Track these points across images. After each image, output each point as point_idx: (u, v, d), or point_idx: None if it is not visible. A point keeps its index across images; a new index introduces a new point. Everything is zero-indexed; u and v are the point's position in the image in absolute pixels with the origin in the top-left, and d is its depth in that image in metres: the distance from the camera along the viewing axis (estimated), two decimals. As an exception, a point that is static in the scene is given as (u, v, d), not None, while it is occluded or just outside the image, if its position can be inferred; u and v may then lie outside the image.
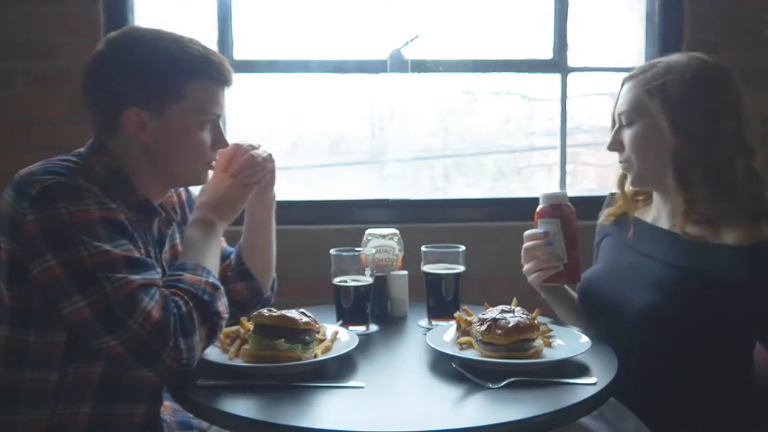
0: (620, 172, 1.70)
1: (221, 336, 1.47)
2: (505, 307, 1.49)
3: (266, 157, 1.62)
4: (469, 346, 1.48)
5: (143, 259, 1.36)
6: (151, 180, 1.49)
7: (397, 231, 1.88)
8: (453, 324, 1.58)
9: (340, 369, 1.44)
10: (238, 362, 1.41)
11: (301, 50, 2.60)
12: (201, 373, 1.36)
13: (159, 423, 1.48)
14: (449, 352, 1.46)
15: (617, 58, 2.77)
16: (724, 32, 2.55)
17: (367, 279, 1.70)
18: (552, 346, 1.51)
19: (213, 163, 1.55)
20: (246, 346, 1.43)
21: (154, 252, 1.50)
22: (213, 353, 1.44)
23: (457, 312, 1.59)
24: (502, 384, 1.33)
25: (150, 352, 1.27)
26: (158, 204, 1.53)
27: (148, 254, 1.47)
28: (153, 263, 1.38)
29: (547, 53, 2.65)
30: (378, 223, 2.00)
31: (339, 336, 1.54)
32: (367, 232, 1.87)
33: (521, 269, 1.70)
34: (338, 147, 2.82)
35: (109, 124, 1.45)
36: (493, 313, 1.47)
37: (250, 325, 1.47)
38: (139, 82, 1.42)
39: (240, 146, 1.60)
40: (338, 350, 1.47)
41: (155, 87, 1.43)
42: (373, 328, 1.73)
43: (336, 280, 1.70)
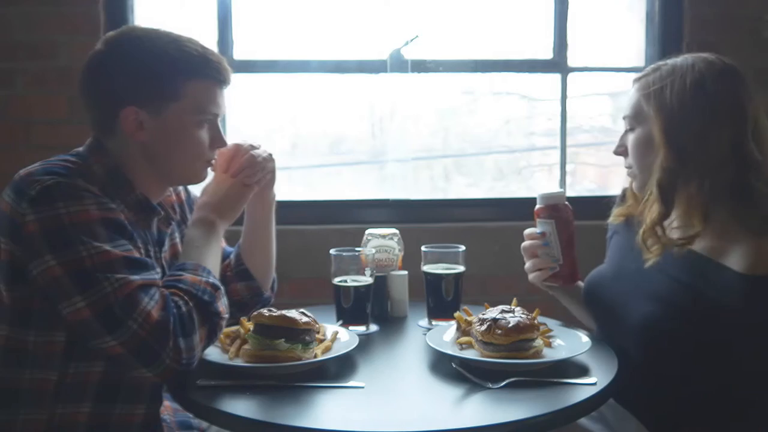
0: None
1: (221, 336, 1.47)
2: (505, 307, 1.49)
3: (266, 157, 1.62)
4: (469, 346, 1.49)
5: (143, 260, 1.36)
6: (150, 179, 1.49)
7: (397, 231, 1.88)
8: (453, 324, 1.58)
9: (340, 369, 1.44)
10: (238, 362, 1.41)
11: (301, 50, 2.60)
12: (201, 373, 1.36)
13: (159, 423, 1.48)
14: (449, 352, 1.46)
15: (617, 58, 2.77)
16: (724, 32, 2.55)
17: (367, 279, 1.70)
18: (552, 346, 1.51)
19: (212, 162, 1.55)
20: (246, 346, 1.43)
21: (153, 251, 1.50)
22: (213, 353, 1.44)
23: (457, 312, 1.59)
24: (502, 384, 1.33)
25: (150, 352, 1.28)
26: (157, 203, 1.53)
27: (148, 254, 1.47)
28: (153, 263, 1.38)
29: (547, 53, 2.65)
30: (378, 223, 2.00)
31: (339, 336, 1.54)
32: (367, 232, 1.87)
33: (521, 269, 1.70)
34: (338, 147, 2.82)
35: (107, 123, 1.45)
36: (493, 313, 1.47)
37: (250, 325, 1.47)
38: (137, 81, 1.42)
39: (240, 146, 1.60)
40: (338, 350, 1.47)
41: (153, 86, 1.43)
42: (373, 328, 1.73)
43: (336, 280, 1.70)
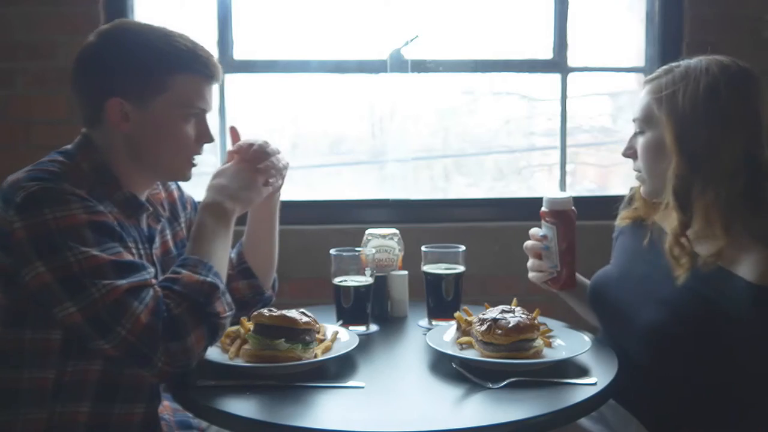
0: None
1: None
2: (505, 307, 1.49)
3: (285, 164, 1.64)
4: (469, 346, 1.49)
5: (132, 262, 1.35)
6: (136, 174, 1.49)
7: (397, 231, 1.88)
8: (453, 324, 1.58)
9: (340, 369, 1.44)
10: (238, 362, 1.41)
11: (301, 50, 2.60)
12: (201, 373, 1.37)
13: (158, 422, 1.48)
14: (449, 352, 1.46)
15: (617, 58, 2.77)
16: (724, 32, 2.54)
17: (367, 279, 1.70)
18: (552, 346, 1.51)
19: (194, 162, 1.53)
20: (246, 346, 1.43)
21: (144, 248, 1.50)
22: (213, 353, 1.44)
23: (457, 312, 1.59)
24: (502, 384, 1.33)
25: (141, 356, 1.28)
26: (145, 199, 1.53)
27: (139, 252, 1.47)
28: (143, 264, 1.37)
29: (547, 53, 2.65)
30: (378, 223, 2.00)
31: (339, 336, 1.54)
32: (367, 232, 1.87)
33: (521, 269, 1.71)
34: (338, 147, 2.82)
35: (93, 114, 1.46)
36: (493, 313, 1.47)
37: (250, 325, 1.47)
38: (123, 72, 1.43)
39: (269, 144, 1.60)
40: (338, 350, 1.47)
41: (139, 78, 1.43)
42: (373, 328, 1.73)
43: (336, 280, 1.70)
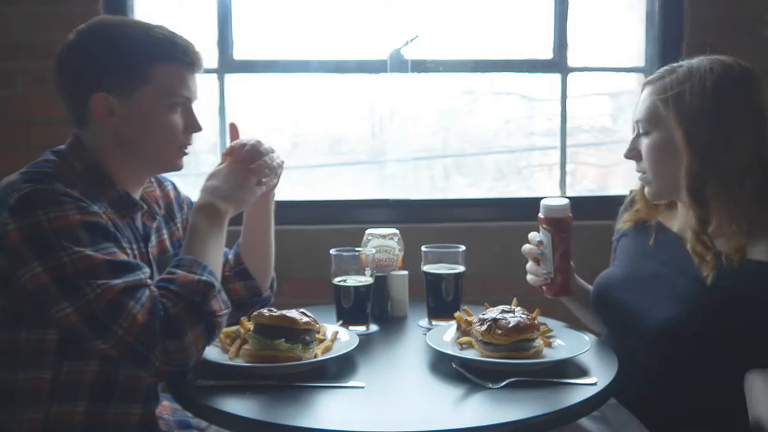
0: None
1: (221, 336, 1.47)
2: (505, 307, 1.49)
3: (279, 163, 1.63)
4: (469, 346, 1.49)
5: (127, 262, 1.35)
6: (128, 170, 1.49)
7: (397, 231, 1.88)
8: (453, 324, 1.58)
9: (340, 369, 1.44)
10: (238, 362, 1.41)
11: (301, 50, 2.60)
12: (201, 373, 1.37)
13: (156, 423, 1.48)
14: (449, 352, 1.46)
15: (617, 58, 2.77)
16: (724, 32, 2.54)
17: (367, 279, 1.70)
18: (552, 346, 1.51)
19: (187, 150, 1.53)
20: (246, 346, 1.43)
21: (139, 247, 1.50)
22: (213, 353, 1.44)
23: (457, 312, 1.59)
24: (502, 384, 1.33)
25: (138, 355, 1.28)
26: (140, 197, 1.53)
27: (134, 251, 1.47)
28: (138, 264, 1.37)
29: (547, 53, 2.65)
30: (378, 223, 2.00)
31: (339, 336, 1.54)
32: (367, 232, 1.87)
33: (521, 269, 1.71)
34: (338, 147, 2.82)
35: (79, 113, 1.46)
36: (493, 313, 1.47)
37: (250, 325, 1.47)
38: (105, 66, 1.44)
39: (262, 144, 1.59)
40: (338, 350, 1.47)
41: (120, 70, 1.43)
42: (373, 328, 1.73)
43: (336, 280, 1.70)
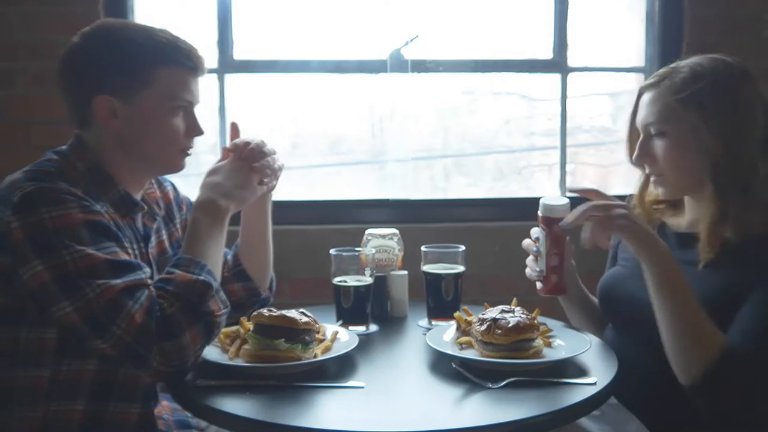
0: (640, 184, 1.66)
1: (221, 336, 1.47)
2: (505, 307, 1.49)
3: (280, 165, 1.64)
4: (469, 346, 1.49)
5: (128, 262, 1.35)
6: (129, 171, 1.50)
7: (397, 231, 1.88)
8: (453, 324, 1.58)
9: (340, 369, 1.44)
10: (238, 362, 1.41)
11: (301, 50, 2.60)
12: (201, 373, 1.37)
13: (154, 422, 1.48)
14: (449, 352, 1.46)
15: (617, 58, 2.77)
16: (724, 32, 2.55)
17: (367, 279, 1.70)
18: (552, 346, 1.51)
19: (189, 152, 1.54)
20: (246, 346, 1.43)
21: (139, 247, 1.50)
22: (213, 353, 1.44)
23: (457, 312, 1.59)
24: (502, 384, 1.33)
25: (136, 355, 1.29)
26: (140, 198, 1.53)
27: (135, 251, 1.47)
28: (139, 264, 1.37)
29: (547, 53, 2.65)
30: (378, 223, 2.00)
31: (339, 336, 1.54)
32: (367, 232, 1.87)
33: (521, 269, 1.70)
34: (338, 147, 2.82)
35: (82, 115, 1.47)
36: (493, 313, 1.47)
37: (250, 325, 1.47)
38: (107, 69, 1.44)
39: (265, 144, 1.59)
40: (338, 350, 1.47)
41: (123, 73, 1.44)
42: (373, 328, 1.73)
43: (336, 280, 1.70)
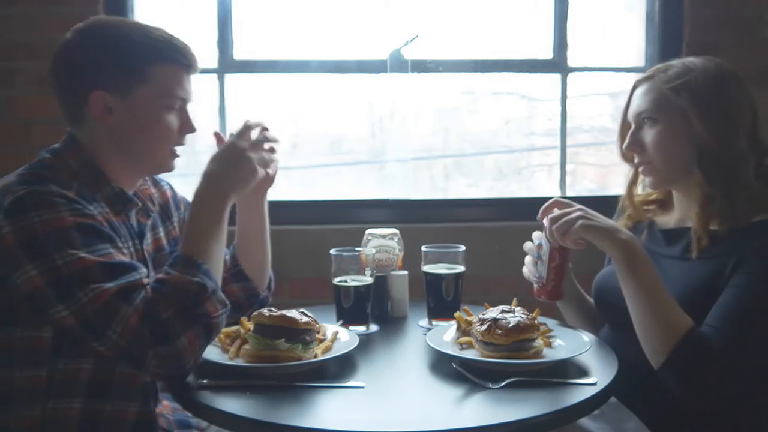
0: (629, 178, 1.69)
1: (221, 336, 1.47)
2: (505, 307, 1.49)
3: (276, 158, 1.61)
4: (469, 346, 1.49)
5: (122, 263, 1.33)
6: (122, 168, 1.50)
7: (397, 231, 1.88)
8: (453, 324, 1.58)
9: (340, 369, 1.44)
10: (238, 362, 1.41)
11: (301, 50, 2.60)
12: (201, 373, 1.37)
13: (153, 422, 1.48)
14: (449, 352, 1.46)
15: (617, 58, 2.77)
16: (724, 32, 2.55)
17: (367, 279, 1.70)
18: (552, 346, 1.51)
19: (178, 151, 1.54)
20: (246, 346, 1.43)
21: (134, 244, 1.50)
22: (213, 353, 1.44)
23: (457, 312, 1.59)
24: (502, 384, 1.33)
25: (133, 359, 1.29)
26: (133, 194, 1.53)
27: (129, 248, 1.47)
28: (134, 264, 1.36)
29: (547, 53, 2.65)
30: (378, 223, 2.00)
31: (339, 336, 1.54)
32: (367, 232, 1.87)
33: (521, 269, 1.71)
34: (338, 147, 2.82)
35: (76, 110, 1.47)
36: (493, 313, 1.47)
37: (250, 325, 1.47)
38: (102, 65, 1.44)
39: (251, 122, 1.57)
40: (338, 350, 1.47)
41: (119, 70, 1.44)
42: (373, 328, 1.73)
43: (336, 280, 1.70)
